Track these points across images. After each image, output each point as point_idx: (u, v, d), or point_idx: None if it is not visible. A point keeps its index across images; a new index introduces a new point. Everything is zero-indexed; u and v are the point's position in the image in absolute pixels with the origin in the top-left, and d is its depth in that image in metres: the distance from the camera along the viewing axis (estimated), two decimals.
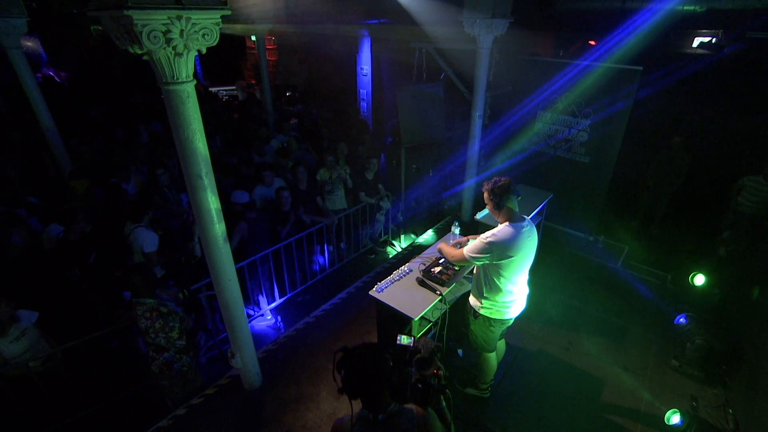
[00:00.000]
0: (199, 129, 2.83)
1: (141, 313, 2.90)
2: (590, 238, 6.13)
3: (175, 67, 2.48)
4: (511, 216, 2.91)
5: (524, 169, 6.42)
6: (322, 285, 5.70)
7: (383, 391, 1.83)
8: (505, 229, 2.86)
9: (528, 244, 2.95)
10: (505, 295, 3.06)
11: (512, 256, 2.86)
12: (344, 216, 5.89)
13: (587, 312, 4.83)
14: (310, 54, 11.52)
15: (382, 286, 3.37)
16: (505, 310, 3.15)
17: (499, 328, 3.28)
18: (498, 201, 2.88)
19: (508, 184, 2.89)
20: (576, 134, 5.81)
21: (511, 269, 2.95)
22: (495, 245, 2.84)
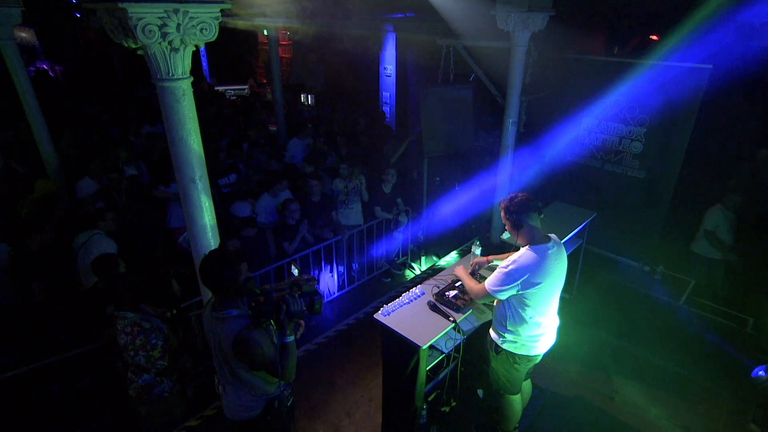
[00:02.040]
0: (194, 129, 3.00)
1: (121, 328, 3.03)
2: (645, 267, 6.00)
3: (171, 62, 2.68)
4: (533, 236, 2.92)
5: (565, 185, 6.40)
6: (329, 309, 5.78)
7: (216, 290, 2.44)
8: (526, 254, 2.87)
9: (557, 269, 2.95)
10: (532, 327, 3.04)
11: (540, 282, 2.85)
12: (357, 233, 6.01)
13: (638, 356, 4.72)
14: (328, 51, 11.87)
15: (388, 309, 3.40)
16: (532, 345, 3.13)
17: (525, 366, 3.25)
18: (516, 220, 2.90)
19: (527, 200, 2.90)
20: (629, 145, 5.79)
21: (538, 298, 2.94)
22: (518, 273, 2.83)
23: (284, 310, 2.44)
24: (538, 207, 2.92)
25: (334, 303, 5.91)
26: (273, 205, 5.58)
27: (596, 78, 5.82)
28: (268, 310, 2.44)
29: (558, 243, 3.00)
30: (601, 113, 5.96)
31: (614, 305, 5.40)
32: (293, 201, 5.24)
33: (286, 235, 5.17)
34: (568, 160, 6.40)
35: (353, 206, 6.06)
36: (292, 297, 2.46)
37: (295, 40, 12.89)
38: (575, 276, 5.45)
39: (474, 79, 7.10)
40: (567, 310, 5.12)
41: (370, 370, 4.54)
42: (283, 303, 2.44)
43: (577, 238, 5.12)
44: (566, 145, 6.35)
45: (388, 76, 9.73)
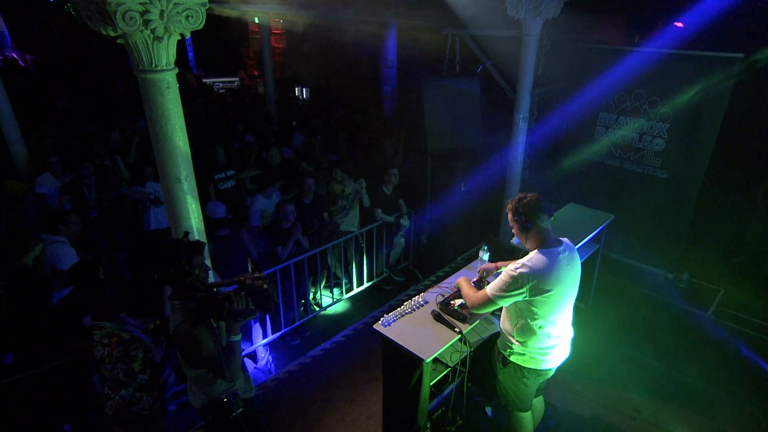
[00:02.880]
0: (179, 125, 3.01)
1: (98, 339, 3.03)
2: (669, 275, 5.99)
3: (154, 52, 2.69)
4: (543, 240, 2.91)
5: (580, 185, 6.40)
6: (325, 319, 5.78)
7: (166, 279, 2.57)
8: (536, 258, 2.85)
9: (569, 275, 2.94)
10: (542, 338, 3.03)
11: (550, 290, 2.84)
12: (353, 237, 6.01)
13: (662, 372, 4.69)
14: (324, 41, 11.90)
15: (389, 320, 3.41)
16: (542, 358, 3.11)
17: (535, 381, 3.24)
18: (524, 222, 2.89)
19: (536, 201, 2.89)
20: (650, 142, 5.79)
21: (548, 306, 2.92)
22: (527, 278, 2.82)
23: (227, 309, 2.50)
24: (548, 208, 2.91)
25: (330, 312, 5.90)
26: (268, 207, 5.58)
27: (614, 69, 5.80)
28: (211, 308, 2.52)
29: (570, 247, 3.00)
30: (619, 107, 5.96)
31: (635, 316, 5.37)
32: (289, 203, 5.25)
33: (280, 239, 5.17)
34: (584, 158, 6.39)
35: (353, 212, 6.07)
36: (238, 296, 2.54)
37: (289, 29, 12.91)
38: (591, 284, 5.44)
39: (482, 72, 7.11)
40: (582, 322, 5.12)
41: (370, 386, 4.52)
42: (227, 301, 2.51)
43: (594, 243, 5.11)
44: (581, 142, 6.34)
45: (390, 68, 9.75)
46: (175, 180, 3.10)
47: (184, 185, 3.16)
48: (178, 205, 3.18)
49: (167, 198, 3.16)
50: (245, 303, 2.55)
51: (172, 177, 3.09)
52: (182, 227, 3.17)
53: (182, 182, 3.15)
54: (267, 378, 4.74)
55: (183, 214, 3.21)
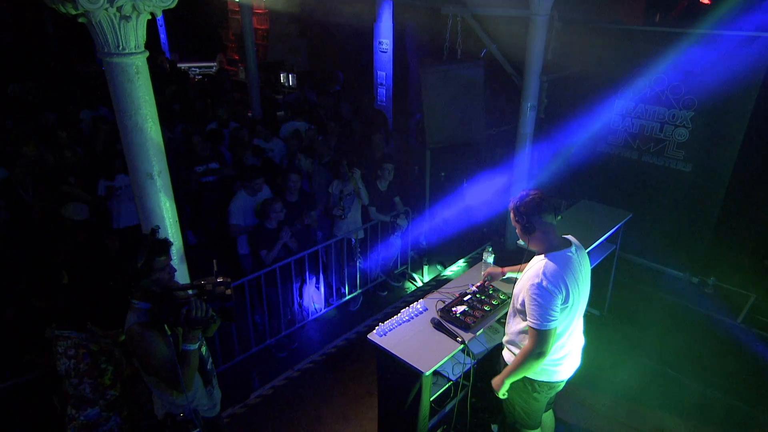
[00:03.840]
0: (151, 114, 2.99)
1: (63, 351, 2.99)
2: (693, 279, 6.01)
3: (121, 33, 2.67)
4: (550, 242, 2.92)
5: (595, 181, 6.42)
6: (315, 329, 5.77)
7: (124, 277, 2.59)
8: (549, 264, 2.85)
9: (582, 276, 2.96)
10: (561, 349, 3.05)
11: (573, 297, 2.87)
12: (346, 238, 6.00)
13: (686, 386, 4.71)
14: (312, 22, 11.85)
15: (384, 329, 3.41)
16: (554, 369, 3.13)
17: (546, 395, 3.25)
18: (527, 223, 2.89)
19: (540, 199, 2.89)
20: (672, 132, 5.80)
21: (569, 317, 2.95)
22: (556, 286, 2.79)
23: (184, 315, 2.52)
24: (553, 207, 2.91)
25: (320, 321, 5.89)
26: (251, 206, 5.55)
27: (633, 51, 5.81)
28: (167, 313, 2.54)
29: (579, 246, 3.02)
30: (638, 94, 5.96)
31: (655, 325, 5.39)
32: (277, 201, 5.22)
33: (265, 242, 5.14)
34: (599, 151, 6.41)
35: (354, 213, 6.04)
36: (198, 301, 2.55)
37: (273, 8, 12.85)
38: (607, 289, 5.46)
39: (485, 56, 7.10)
40: (597, 330, 5.14)
41: (364, 402, 4.52)
42: (185, 306, 2.53)
43: (609, 243, 5.12)
44: (596, 133, 6.35)
45: (384, 52, 9.71)
46: (146, 175, 3.08)
47: (156, 181, 3.14)
48: (149, 203, 3.16)
49: (137, 195, 3.14)
50: (204, 310, 2.55)
51: (142, 172, 3.06)
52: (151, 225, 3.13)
53: (154, 178, 3.13)
54: (251, 394, 4.72)
55: (155, 213, 3.18)
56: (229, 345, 5.12)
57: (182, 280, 3.56)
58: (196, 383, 2.87)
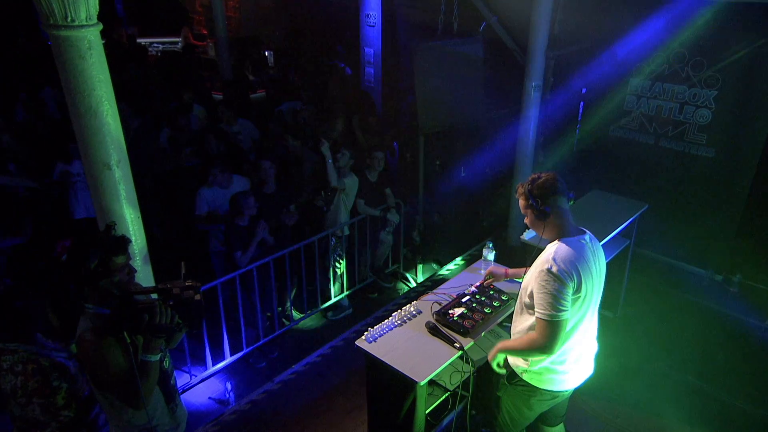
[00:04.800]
0: (107, 96, 2.95)
1: (8, 366, 2.93)
2: (716, 276, 6.03)
3: (69, 2, 2.61)
4: (565, 227, 2.90)
5: (607, 169, 6.44)
6: (296, 336, 5.77)
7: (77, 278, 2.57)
8: (563, 248, 2.83)
9: (596, 268, 2.94)
10: (565, 351, 3.00)
11: (583, 287, 2.83)
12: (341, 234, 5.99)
13: (710, 395, 4.72)
14: None
15: (375, 334, 3.40)
16: (562, 378, 3.09)
17: (544, 405, 3.23)
18: (540, 207, 2.86)
19: (553, 180, 2.87)
20: (693, 113, 5.80)
21: (580, 313, 2.91)
22: (568, 273, 2.74)
23: (146, 321, 2.48)
24: (566, 190, 2.91)
25: (303, 327, 5.88)
26: (221, 198, 5.50)
27: (649, 24, 5.78)
28: (126, 318, 2.49)
29: (594, 237, 3.02)
30: (655, 71, 5.96)
31: (674, 327, 5.41)
32: (249, 194, 5.18)
33: (238, 242, 5.10)
34: (611, 135, 6.42)
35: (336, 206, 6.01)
36: (162, 306, 2.50)
37: None
38: (621, 288, 5.48)
39: (485, 30, 7.09)
40: (610, 333, 5.14)
41: (352, 416, 4.51)
42: (147, 312, 2.49)
43: (623, 237, 5.14)
44: (608, 115, 6.36)
45: (372, 26, 9.64)
46: (103, 166, 3.04)
47: (114, 172, 3.10)
48: (106, 197, 3.13)
49: (93, 187, 3.11)
50: (169, 316, 2.51)
51: (98, 162, 3.03)
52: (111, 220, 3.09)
53: (112, 169, 3.09)
54: (224, 410, 4.69)
55: (113, 208, 3.15)
56: (200, 356, 5.08)
57: (147, 282, 3.53)
58: (157, 400, 2.83)
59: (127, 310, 2.51)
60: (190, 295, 2.56)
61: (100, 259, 2.52)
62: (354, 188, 6.00)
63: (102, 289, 2.58)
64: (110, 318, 2.54)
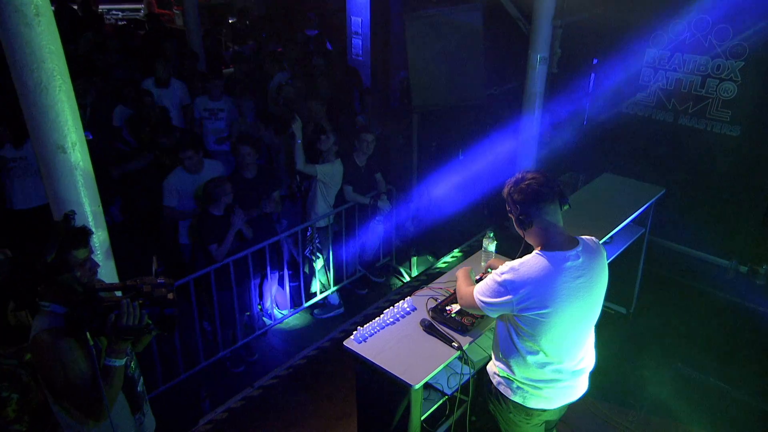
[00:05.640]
0: (60, 70, 2.90)
1: None
2: (741, 268, 6.02)
3: None
4: (548, 239, 2.84)
5: (619, 149, 6.44)
6: (279, 336, 5.76)
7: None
8: (532, 261, 2.81)
9: (581, 291, 2.85)
10: (533, 371, 2.99)
11: (545, 308, 2.78)
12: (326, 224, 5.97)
13: (734, 398, 4.73)
14: None
15: (364, 334, 3.38)
16: (533, 394, 3.05)
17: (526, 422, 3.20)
18: (521, 215, 2.82)
19: (536, 185, 2.78)
20: (716, 87, 5.77)
21: (545, 331, 2.85)
22: (513, 285, 2.78)
23: (111, 321, 2.44)
24: (556, 195, 2.82)
25: (285, 327, 5.88)
26: (191, 186, 5.44)
27: None
28: (88, 317, 2.45)
29: (590, 251, 2.92)
30: (674, 40, 5.93)
31: (694, 323, 5.43)
32: (225, 182, 5.13)
33: (213, 234, 5.05)
34: (624, 113, 6.41)
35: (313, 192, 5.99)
36: (130, 305, 2.46)
37: None
38: (635, 281, 5.48)
39: None
40: (624, 331, 5.17)
41: (340, 425, 4.52)
42: (113, 311, 2.45)
43: (637, 225, 5.14)
44: (621, 90, 6.34)
45: None
46: (57, 148, 3.00)
47: (70, 156, 3.07)
48: (61, 183, 3.09)
49: (45, 173, 3.07)
50: (138, 316, 2.47)
51: (51, 144, 2.99)
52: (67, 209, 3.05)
53: (68, 151, 3.06)
54: (199, 421, 4.67)
55: (69, 196, 3.12)
56: (171, 359, 5.06)
57: (109, 280, 3.49)
58: (121, 409, 2.79)
59: (91, 309, 2.47)
60: (162, 294, 2.53)
61: (58, 253, 2.48)
62: (336, 176, 5.95)
63: (61, 285, 2.54)
64: (71, 317, 2.48)
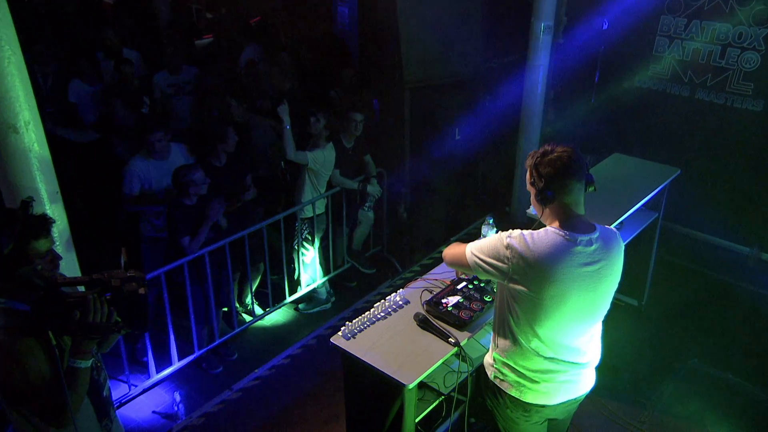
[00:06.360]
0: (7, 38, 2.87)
1: None
2: (763, 255, 6.05)
3: None
4: (565, 218, 2.85)
5: (631, 127, 6.43)
6: (260, 335, 5.76)
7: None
8: (543, 236, 2.81)
9: (587, 280, 2.85)
10: (529, 358, 3.00)
11: (540, 288, 2.79)
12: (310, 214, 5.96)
13: (755, 396, 4.75)
14: None
15: (353, 329, 3.37)
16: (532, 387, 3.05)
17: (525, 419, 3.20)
18: (545, 189, 2.81)
19: (567, 159, 2.76)
20: (738, 57, 5.76)
21: (549, 320, 2.87)
22: (513, 253, 2.79)
23: (76, 318, 2.41)
24: (584, 173, 2.83)
25: (267, 324, 5.88)
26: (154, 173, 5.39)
27: None
28: (51, 314, 2.42)
29: (607, 238, 2.92)
30: (691, 6, 5.92)
31: (711, 316, 5.45)
32: (197, 169, 5.09)
33: (185, 225, 5.03)
34: (636, 87, 6.41)
35: None
36: (97, 300, 2.43)
37: None
38: (647, 270, 5.49)
39: None
40: (635, 324, 5.19)
41: (328, 428, 4.53)
42: (78, 307, 2.42)
43: (650, 210, 5.15)
44: (633, 62, 6.34)
45: None
46: (8, 128, 2.98)
47: (23, 136, 3.04)
48: (13, 167, 3.07)
49: None
50: (107, 314, 2.44)
51: (1, 124, 2.96)
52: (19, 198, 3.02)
53: (20, 132, 3.03)
54: (173, 426, 4.68)
55: (23, 181, 3.10)
56: (141, 360, 5.06)
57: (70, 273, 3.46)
58: (86, 416, 2.77)
59: (54, 305, 2.44)
60: (132, 288, 2.50)
61: (16, 244, 2.44)
62: (328, 164, 5.93)
63: (20, 280, 2.51)
64: (31, 315, 2.47)
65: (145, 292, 2.51)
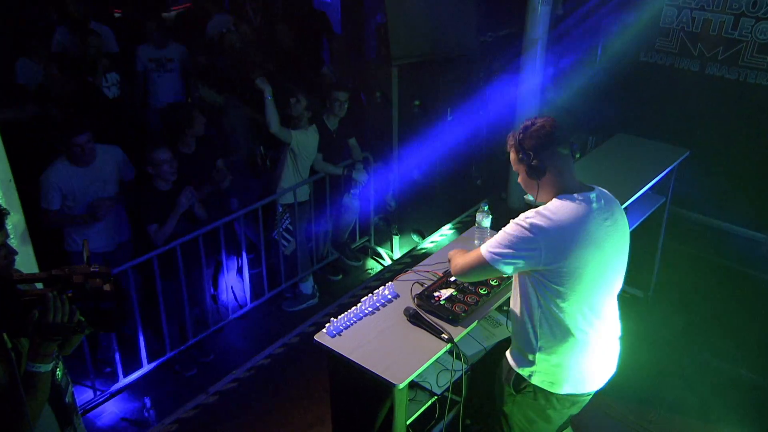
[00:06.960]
0: None
1: None
2: None
3: None
4: (565, 184, 2.94)
5: (636, 105, 6.45)
6: (237, 332, 5.78)
7: None
8: (560, 205, 2.88)
9: (610, 234, 2.95)
10: (579, 341, 3.03)
11: (582, 257, 2.86)
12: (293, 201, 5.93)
13: None
14: None
15: (339, 326, 3.36)
16: (581, 375, 3.12)
17: (564, 413, 3.27)
18: (533, 162, 2.90)
19: (549, 128, 2.90)
20: (751, 28, 5.76)
21: (582, 286, 2.92)
22: (543, 232, 2.82)
23: (34, 318, 2.38)
24: (568, 139, 2.94)
25: (246, 321, 5.89)
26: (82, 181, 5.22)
27: None
28: (6, 315, 2.40)
29: (607, 197, 3.03)
30: None
31: (722, 307, 5.48)
32: (165, 152, 5.06)
33: (154, 212, 5.02)
34: (642, 61, 6.43)
35: None
36: (57, 299, 2.40)
37: None
38: (653, 258, 5.53)
39: None
40: (640, 318, 5.21)
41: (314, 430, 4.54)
42: (37, 306, 2.38)
43: (656, 194, 5.18)
44: (638, 35, 6.35)
45: None
46: None
47: None
48: None
49: None
50: (68, 313, 2.41)
51: None
52: None
53: None
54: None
55: None
56: (109, 363, 5.04)
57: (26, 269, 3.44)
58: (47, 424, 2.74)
59: (9, 305, 2.41)
60: (97, 285, 2.47)
61: None
62: (310, 147, 5.90)
63: None
64: None
65: (111, 288, 2.48)
